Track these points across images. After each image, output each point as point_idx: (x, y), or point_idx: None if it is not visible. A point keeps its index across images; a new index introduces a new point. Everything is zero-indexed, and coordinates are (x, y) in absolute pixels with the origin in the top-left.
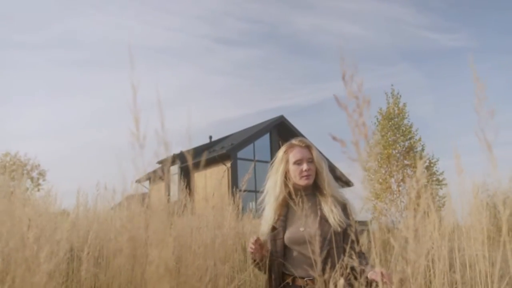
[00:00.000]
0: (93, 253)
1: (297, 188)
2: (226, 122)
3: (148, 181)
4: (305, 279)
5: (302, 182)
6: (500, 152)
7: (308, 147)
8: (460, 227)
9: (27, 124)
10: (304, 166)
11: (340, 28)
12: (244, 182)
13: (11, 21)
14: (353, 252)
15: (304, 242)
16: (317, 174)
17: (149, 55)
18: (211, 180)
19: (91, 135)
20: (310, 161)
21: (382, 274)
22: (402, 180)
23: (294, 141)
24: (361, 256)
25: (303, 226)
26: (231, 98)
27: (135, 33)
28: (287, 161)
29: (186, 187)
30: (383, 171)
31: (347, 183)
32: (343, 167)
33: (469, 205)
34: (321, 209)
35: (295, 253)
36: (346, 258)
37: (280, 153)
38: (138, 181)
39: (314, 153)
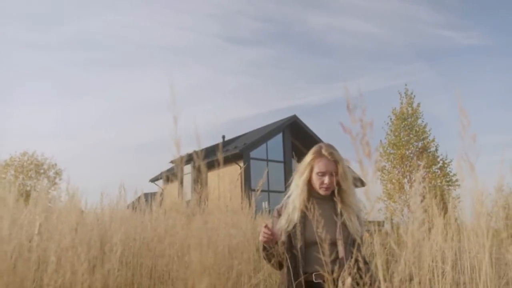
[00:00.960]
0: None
1: (317, 193)
2: (239, 122)
3: (161, 180)
4: (314, 273)
5: (322, 192)
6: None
7: (336, 162)
8: (468, 229)
9: (39, 124)
10: (326, 179)
11: (353, 26)
12: (259, 186)
13: (23, 21)
14: (359, 255)
15: (318, 244)
16: (340, 186)
17: (161, 55)
18: (224, 179)
19: (102, 135)
20: (332, 174)
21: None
22: (415, 180)
23: (323, 151)
24: (366, 262)
25: (321, 228)
26: (244, 98)
27: (147, 33)
28: (311, 169)
29: (199, 187)
30: (396, 172)
31: (361, 182)
32: (356, 166)
33: (475, 206)
34: (341, 215)
35: (311, 252)
36: (353, 260)
37: (308, 159)
38: (152, 180)
39: (340, 170)
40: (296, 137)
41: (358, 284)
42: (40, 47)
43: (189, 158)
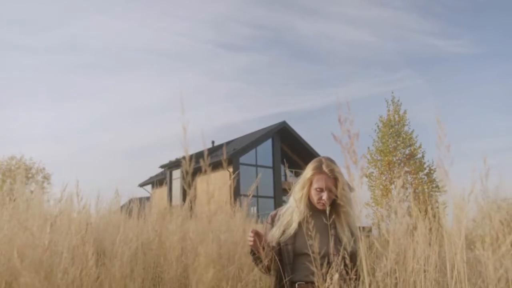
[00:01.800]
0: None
1: (315, 205)
2: (229, 127)
3: (150, 185)
4: (303, 283)
5: (319, 206)
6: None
7: (336, 178)
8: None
9: (29, 128)
10: (324, 195)
11: (344, 34)
12: (250, 191)
13: (15, 24)
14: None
15: (310, 256)
16: (338, 203)
17: (153, 60)
18: (214, 184)
19: (92, 139)
20: (330, 190)
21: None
22: (403, 186)
23: (324, 167)
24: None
25: (314, 241)
26: (235, 103)
27: (141, 38)
28: (311, 184)
29: (188, 192)
30: (384, 178)
31: (349, 187)
32: (344, 172)
33: (454, 211)
34: (335, 229)
35: (299, 263)
36: (340, 257)
37: (308, 174)
38: (141, 185)
39: (339, 187)
40: (286, 142)
41: (344, 280)
42: (32, 50)
43: (178, 163)
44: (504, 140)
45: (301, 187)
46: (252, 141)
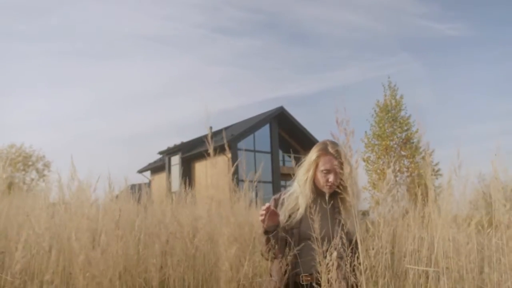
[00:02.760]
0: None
1: (320, 189)
2: (226, 112)
3: (149, 172)
4: (303, 275)
5: (325, 189)
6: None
7: (341, 156)
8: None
9: (25, 115)
10: (331, 177)
11: (340, 17)
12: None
13: (8, 11)
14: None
15: (315, 240)
16: (345, 187)
17: (147, 45)
18: (212, 170)
19: (89, 126)
20: (337, 172)
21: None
22: (399, 170)
23: (330, 148)
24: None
25: (320, 223)
26: (231, 88)
27: (134, 23)
28: (316, 166)
29: (187, 178)
30: (381, 162)
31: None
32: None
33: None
34: (339, 214)
35: (304, 251)
36: (337, 238)
37: (313, 156)
38: (140, 171)
39: (347, 170)
40: (283, 128)
41: (341, 257)
42: (25, 38)
43: (177, 149)
44: (500, 123)
45: (306, 170)
46: (249, 127)
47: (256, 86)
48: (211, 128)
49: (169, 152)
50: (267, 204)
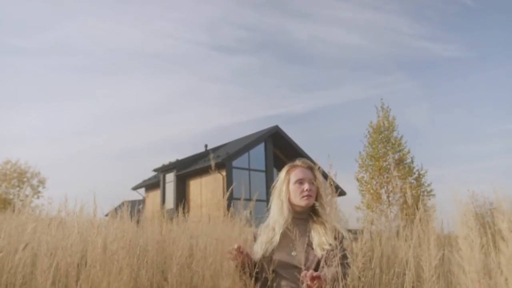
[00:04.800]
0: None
1: (295, 211)
2: (222, 129)
3: (143, 189)
4: None
5: (303, 202)
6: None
7: (311, 168)
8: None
9: (22, 130)
10: (306, 186)
11: (336, 37)
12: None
13: (7, 26)
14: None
15: (292, 267)
16: (317, 196)
17: (145, 61)
18: (206, 188)
19: (84, 142)
20: (312, 182)
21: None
22: (392, 191)
23: (297, 162)
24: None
25: (295, 251)
26: (227, 106)
27: (132, 39)
28: (288, 181)
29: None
30: (374, 182)
31: (340, 192)
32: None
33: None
34: (309, 236)
35: (281, 279)
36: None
37: (282, 174)
38: (134, 188)
39: (317, 175)
40: (278, 147)
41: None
42: (24, 52)
43: (172, 167)
44: (496, 144)
45: (279, 192)
46: (245, 145)
47: (253, 104)
48: (206, 146)
49: (164, 169)
50: (235, 245)
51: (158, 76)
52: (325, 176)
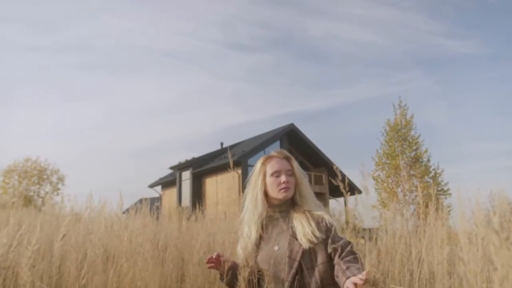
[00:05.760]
0: None
1: (273, 204)
2: (237, 127)
3: (160, 186)
4: None
5: (281, 195)
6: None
7: (287, 158)
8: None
9: (38, 126)
10: (283, 178)
11: (352, 34)
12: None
13: (24, 24)
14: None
15: (276, 263)
16: (296, 187)
17: (160, 59)
18: (222, 186)
19: (100, 139)
20: (290, 173)
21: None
22: (408, 189)
23: (272, 152)
24: (352, 257)
25: (277, 245)
26: (242, 104)
27: (147, 37)
28: (264, 174)
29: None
30: (390, 181)
31: (356, 190)
32: (351, 174)
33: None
34: (292, 227)
35: (268, 275)
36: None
37: (258, 166)
38: (151, 186)
39: (294, 165)
40: (293, 145)
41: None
42: (40, 50)
43: (188, 165)
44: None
45: (254, 185)
46: (260, 143)
47: (268, 102)
48: (222, 144)
49: (180, 167)
50: (214, 254)
51: (173, 74)
52: (343, 176)
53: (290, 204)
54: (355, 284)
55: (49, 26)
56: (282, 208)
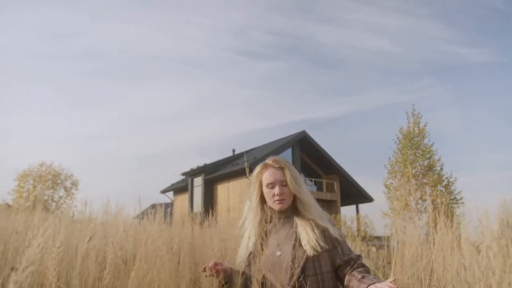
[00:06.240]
0: None
1: (275, 211)
2: (249, 134)
3: (171, 192)
4: None
5: (275, 206)
6: None
7: (282, 168)
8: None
9: (48, 132)
10: (276, 190)
11: (365, 41)
12: None
13: (35, 32)
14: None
15: (278, 268)
16: (295, 196)
17: (174, 66)
18: (234, 192)
19: (111, 145)
20: (284, 184)
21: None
22: (421, 198)
23: (268, 161)
24: (363, 269)
25: (280, 251)
26: (255, 110)
27: (160, 44)
28: (260, 183)
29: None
30: (403, 189)
31: (367, 198)
32: (363, 181)
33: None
34: (296, 233)
35: (268, 281)
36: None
37: (254, 174)
38: (163, 191)
39: (288, 176)
40: (305, 152)
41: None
42: (52, 57)
43: (200, 171)
44: None
45: (251, 193)
46: (272, 150)
47: (280, 109)
48: (234, 150)
49: (192, 174)
50: (211, 262)
51: (185, 80)
52: (350, 182)
53: (293, 211)
54: None
55: (61, 33)
56: (285, 214)
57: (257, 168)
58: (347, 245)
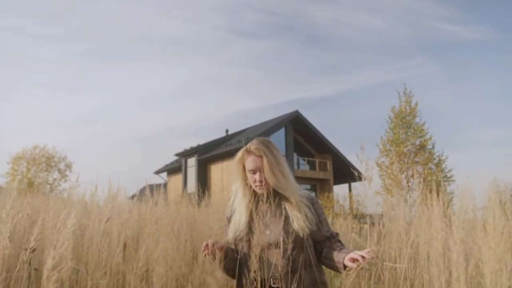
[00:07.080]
0: None
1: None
2: (242, 114)
3: (165, 173)
4: (271, 278)
5: (257, 190)
6: None
7: (261, 157)
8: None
9: (44, 114)
10: (257, 176)
11: (357, 20)
12: None
13: (29, 13)
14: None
15: (269, 246)
16: (275, 178)
17: (165, 46)
18: (227, 172)
19: (106, 126)
20: (263, 170)
21: (363, 256)
22: (412, 176)
23: (250, 146)
24: (335, 238)
25: (269, 229)
26: (247, 90)
27: (152, 25)
28: (243, 168)
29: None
30: (394, 167)
31: (359, 176)
32: (356, 161)
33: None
34: (286, 211)
35: (262, 257)
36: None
37: (237, 158)
38: (157, 172)
39: (266, 166)
40: (298, 131)
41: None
42: (45, 39)
43: (193, 151)
44: None
45: (237, 175)
46: (265, 130)
47: (272, 88)
48: (227, 130)
49: (186, 154)
50: (208, 242)
51: (178, 61)
52: (343, 160)
53: (279, 192)
54: (354, 260)
55: (54, 15)
56: (271, 195)
57: (239, 153)
58: (326, 221)
